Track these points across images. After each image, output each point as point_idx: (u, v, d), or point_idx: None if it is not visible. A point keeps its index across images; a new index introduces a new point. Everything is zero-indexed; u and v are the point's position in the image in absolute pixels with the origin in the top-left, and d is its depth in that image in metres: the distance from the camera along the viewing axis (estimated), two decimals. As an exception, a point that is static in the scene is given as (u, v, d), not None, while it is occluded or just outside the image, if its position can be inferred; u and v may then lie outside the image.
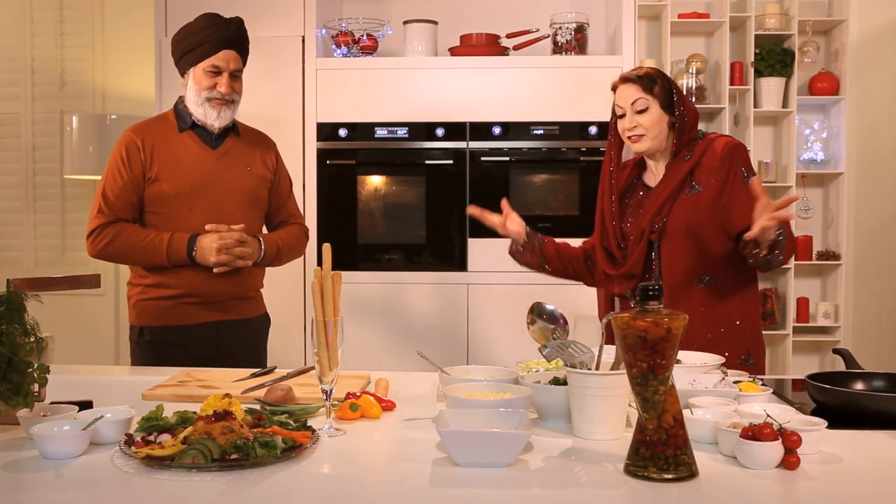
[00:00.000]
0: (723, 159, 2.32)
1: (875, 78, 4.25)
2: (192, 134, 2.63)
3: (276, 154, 2.81)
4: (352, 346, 1.94)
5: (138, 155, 2.57)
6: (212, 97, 2.57)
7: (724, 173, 2.31)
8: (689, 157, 2.36)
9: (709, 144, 2.37)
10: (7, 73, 4.58)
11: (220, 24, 2.58)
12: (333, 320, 1.66)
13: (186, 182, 2.57)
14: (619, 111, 2.38)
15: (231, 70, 2.59)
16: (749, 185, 2.18)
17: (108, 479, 1.40)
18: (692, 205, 2.32)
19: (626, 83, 2.37)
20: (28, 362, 1.61)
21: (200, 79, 2.57)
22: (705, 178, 2.33)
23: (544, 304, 1.98)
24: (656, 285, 1.42)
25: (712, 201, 2.30)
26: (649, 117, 2.34)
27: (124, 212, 2.57)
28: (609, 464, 1.46)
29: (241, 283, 2.65)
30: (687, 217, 2.31)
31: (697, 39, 4.28)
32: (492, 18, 4.13)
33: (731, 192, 2.29)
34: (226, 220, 2.57)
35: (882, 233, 4.28)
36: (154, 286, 2.59)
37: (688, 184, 2.34)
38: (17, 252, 4.61)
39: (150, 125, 2.66)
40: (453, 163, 3.74)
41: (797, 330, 4.16)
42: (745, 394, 1.75)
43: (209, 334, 2.61)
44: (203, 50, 2.56)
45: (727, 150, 2.34)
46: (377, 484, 1.41)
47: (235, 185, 2.64)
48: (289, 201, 2.83)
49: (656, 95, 2.35)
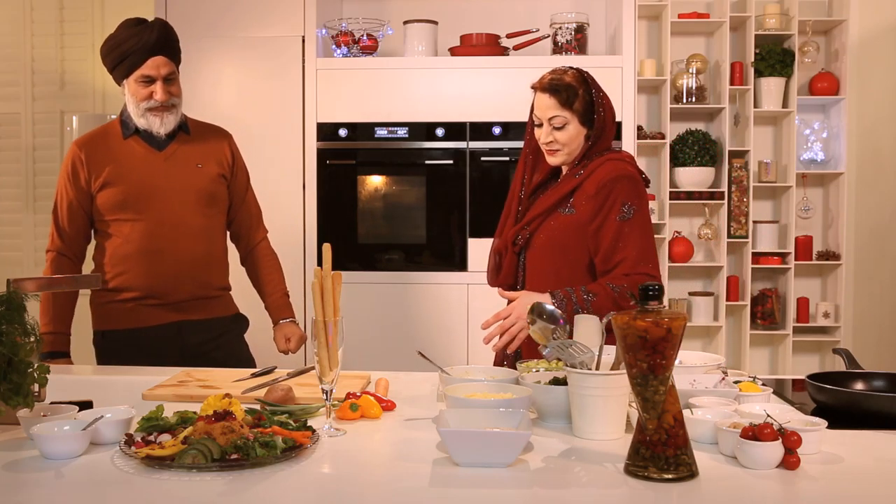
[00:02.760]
0: (599, 190, 2.19)
1: (875, 78, 4.25)
2: (137, 139, 2.60)
3: (232, 147, 2.75)
4: (352, 346, 1.94)
5: (82, 169, 2.57)
6: (150, 107, 2.54)
7: (599, 204, 2.19)
8: (581, 174, 2.24)
9: (598, 166, 2.23)
10: (7, 73, 4.58)
11: (142, 32, 2.52)
12: (333, 320, 1.66)
13: (133, 187, 2.55)
14: (537, 120, 2.27)
15: (163, 76, 2.54)
16: None
17: (109, 479, 1.40)
18: (562, 224, 2.24)
19: (547, 93, 2.24)
20: (28, 362, 1.61)
21: (135, 90, 2.54)
22: (579, 202, 2.22)
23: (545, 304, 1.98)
24: (656, 285, 1.42)
25: (581, 227, 2.21)
26: (566, 134, 2.23)
27: (73, 239, 2.61)
28: (609, 464, 1.46)
29: (202, 283, 2.63)
30: (553, 235, 2.25)
31: (697, 39, 4.28)
32: (492, 18, 4.13)
33: (602, 224, 2.19)
34: (180, 223, 2.57)
35: (882, 233, 4.28)
36: (114, 290, 2.58)
37: (564, 203, 2.25)
38: (17, 252, 4.61)
39: (94, 136, 2.64)
40: (453, 163, 3.74)
41: (797, 330, 4.16)
42: (745, 394, 1.75)
43: (170, 335, 2.59)
44: (131, 61, 2.52)
45: (607, 181, 2.19)
46: (377, 484, 1.41)
47: (187, 186, 2.60)
48: (247, 196, 2.78)
49: (575, 111, 2.22)
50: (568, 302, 2.12)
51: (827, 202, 4.31)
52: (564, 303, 2.12)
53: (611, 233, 2.18)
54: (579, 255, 2.24)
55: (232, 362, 2.53)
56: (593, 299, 2.13)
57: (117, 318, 2.59)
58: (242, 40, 3.77)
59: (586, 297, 2.13)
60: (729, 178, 4.11)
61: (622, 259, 2.17)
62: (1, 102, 4.59)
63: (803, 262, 4.17)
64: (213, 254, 2.67)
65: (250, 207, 2.80)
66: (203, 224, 2.62)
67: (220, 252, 2.71)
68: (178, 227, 2.57)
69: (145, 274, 2.56)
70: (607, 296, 2.12)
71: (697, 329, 4.22)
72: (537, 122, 2.28)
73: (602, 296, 2.13)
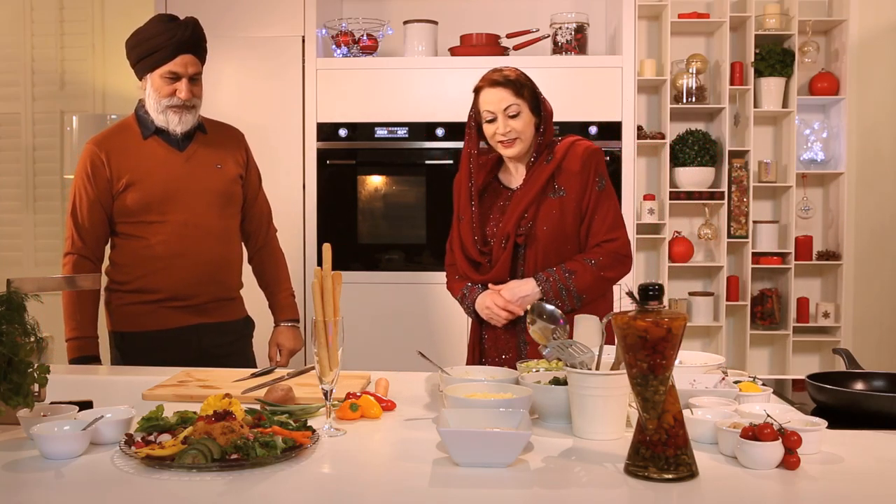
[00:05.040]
0: (584, 164, 2.33)
1: (875, 78, 4.25)
2: (158, 139, 2.57)
3: (246, 147, 2.75)
4: (352, 346, 1.94)
5: (103, 169, 2.52)
6: (172, 104, 2.52)
7: (585, 178, 2.33)
8: (551, 159, 2.34)
9: (569, 147, 2.36)
10: (7, 73, 4.58)
11: (175, 28, 2.50)
12: (333, 320, 1.66)
13: (157, 189, 2.53)
14: (489, 116, 2.33)
15: (190, 74, 2.53)
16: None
17: (109, 479, 1.40)
18: (557, 208, 2.32)
19: (497, 87, 2.32)
20: (28, 362, 1.61)
21: (159, 86, 2.51)
22: (566, 182, 2.33)
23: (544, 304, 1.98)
24: (656, 285, 1.42)
25: (575, 205, 2.32)
26: (521, 121, 2.32)
27: (93, 241, 2.56)
28: (609, 464, 1.46)
29: (222, 284, 2.63)
30: (552, 220, 2.32)
31: (697, 39, 4.28)
32: (492, 18, 4.13)
33: (588, 199, 2.33)
34: (202, 225, 2.56)
35: (882, 233, 4.28)
36: (136, 291, 2.56)
37: (550, 187, 2.34)
38: (17, 252, 4.61)
39: (112, 135, 2.60)
40: (453, 163, 3.74)
41: (797, 330, 4.16)
42: (745, 394, 1.75)
43: (189, 337, 2.58)
44: (160, 56, 2.49)
45: (587, 154, 2.34)
46: (377, 484, 1.41)
47: (207, 187, 2.59)
48: (258, 196, 2.78)
49: (526, 99, 2.32)
50: (553, 283, 2.26)
51: (827, 202, 4.31)
52: (549, 284, 2.26)
53: (593, 204, 2.33)
54: (574, 235, 2.34)
55: (243, 365, 2.53)
56: (573, 277, 2.27)
57: (138, 320, 2.56)
58: (242, 40, 3.77)
59: (567, 275, 2.27)
60: (729, 178, 4.11)
61: (598, 229, 2.33)
62: (1, 102, 4.59)
63: (803, 262, 4.17)
64: (231, 255, 2.67)
65: (262, 206, 2.80)
66: (222, 225, 2.62)
67: (237, 252, 2.71)
68: (200, 229, 2.56)
69: (169, 277, 2.54)
70: (586, 270, 2.28)
71: (697, 329, 4.22)
72: (489, 117, 2.34)
73: (580, 272, 2.28)
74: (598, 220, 2.33)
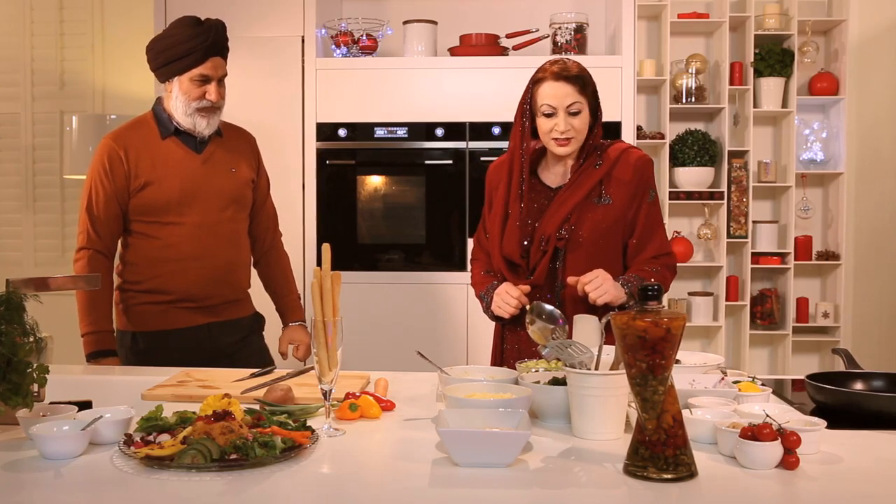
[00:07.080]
0: (635, 173, 2.24)
1: (875, 78, 4.25)
2: (176, 139, 2.57)
3: (258, 152, 2.77)
4: (351, 346, 1.94)
5: (121, 165, 2.51)
6: (202, 107, 2.52)
7: (634, 188, 2.24)
8: (600, 164, 2.25)
9: (621, 154, 2.26)
10: (7, 73, 4.58)
11: (205, 32, 2.50)
12: (333, 320, 1.66)
13: (175, 191, 2.53)
14: (548, 110, 2.20)
15: (219, 76, 2.55)
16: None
17: (108, 479, 1.40)
18: (601, 216, 2.22)
19: (560, 80, 2.19)
20: (28, 362, 1.61)
21: (188, 89, 2.50)
22: (615, 191, 2.23)
23: (544, 304, 1.99)
24: (655, 285, 1.42)
25: (620, 215, 2.23)
26: (581, 120, 2.21)
27: (109, 236, 2.54)
28: (609, 464, 1.46)
29: (233, 286, 2.65)
30: (594, 228, 2.21)
31: (697, 39, 4.28)
32: (491, 18, 4.13)
33: (638, 208, 2.25)
34: (216, 227, 2.57)
35: (882, 233, 4.28)
36: (148, 291, 2.56)
37: (596, 193, 2.24)
38: (17, 252, 4.60)
39: (130, 131, 2.58)
40: (453, 163, 3.74)
41: (797, 330, 4.16)
42: (745, 394, 1.75)
43: (201, 336, 2.59)
44: (191, 59, 2.48)
45: (640, 164, 2.25)
46: (377, 484, 1.41)
47: (222, 190, 2.60)
48: (267, 201, 2.80)
49: (588, 97, 2.22)
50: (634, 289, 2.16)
51: (826, 202, 4.31)
52: (632, 287, 2.17)
53: (644, 216, 2.25)
54: (618, 243, 2.26)
55: (257, 361, 2.55)
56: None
57: (150, 319, 2.57)
58: (242, 40, 3.76)
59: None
60: (728, 178, 4.11)
61: (653, 242, 2.25)
62: (1, 102, 4.59)
63: (803, 262, 4.17)
64: (241, 257, 2.69)
65: (269, 210, 2.82)
66: (234, 228, 2.63)
67: (246, 254, 2.73)
68: (214, 231, 2.57)
69: (183, 278, 2.54)
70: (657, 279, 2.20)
71: (697, 329, 4.22)
72: (548, 111, 2.21)
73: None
74: (654, 234, 2.25)
